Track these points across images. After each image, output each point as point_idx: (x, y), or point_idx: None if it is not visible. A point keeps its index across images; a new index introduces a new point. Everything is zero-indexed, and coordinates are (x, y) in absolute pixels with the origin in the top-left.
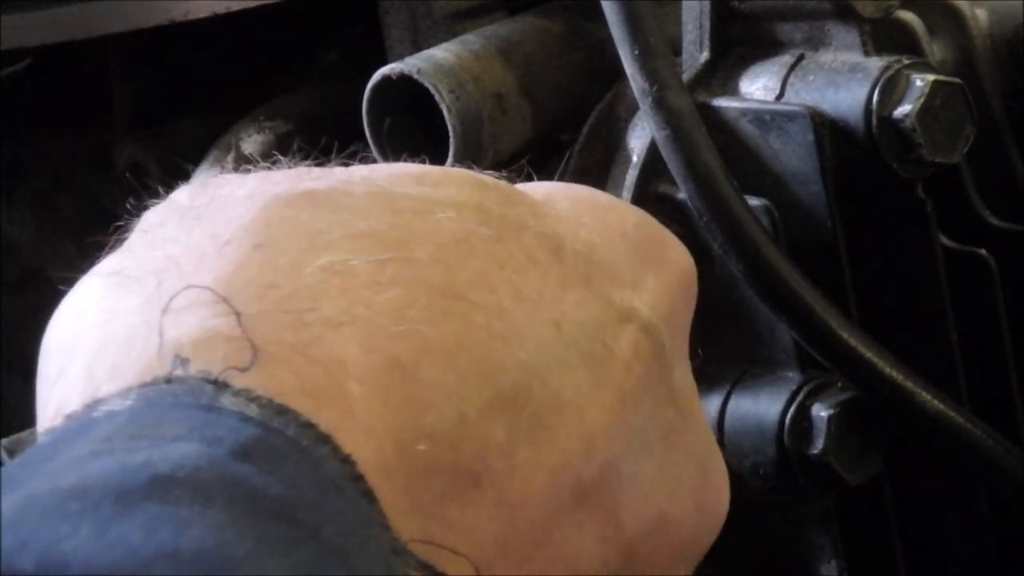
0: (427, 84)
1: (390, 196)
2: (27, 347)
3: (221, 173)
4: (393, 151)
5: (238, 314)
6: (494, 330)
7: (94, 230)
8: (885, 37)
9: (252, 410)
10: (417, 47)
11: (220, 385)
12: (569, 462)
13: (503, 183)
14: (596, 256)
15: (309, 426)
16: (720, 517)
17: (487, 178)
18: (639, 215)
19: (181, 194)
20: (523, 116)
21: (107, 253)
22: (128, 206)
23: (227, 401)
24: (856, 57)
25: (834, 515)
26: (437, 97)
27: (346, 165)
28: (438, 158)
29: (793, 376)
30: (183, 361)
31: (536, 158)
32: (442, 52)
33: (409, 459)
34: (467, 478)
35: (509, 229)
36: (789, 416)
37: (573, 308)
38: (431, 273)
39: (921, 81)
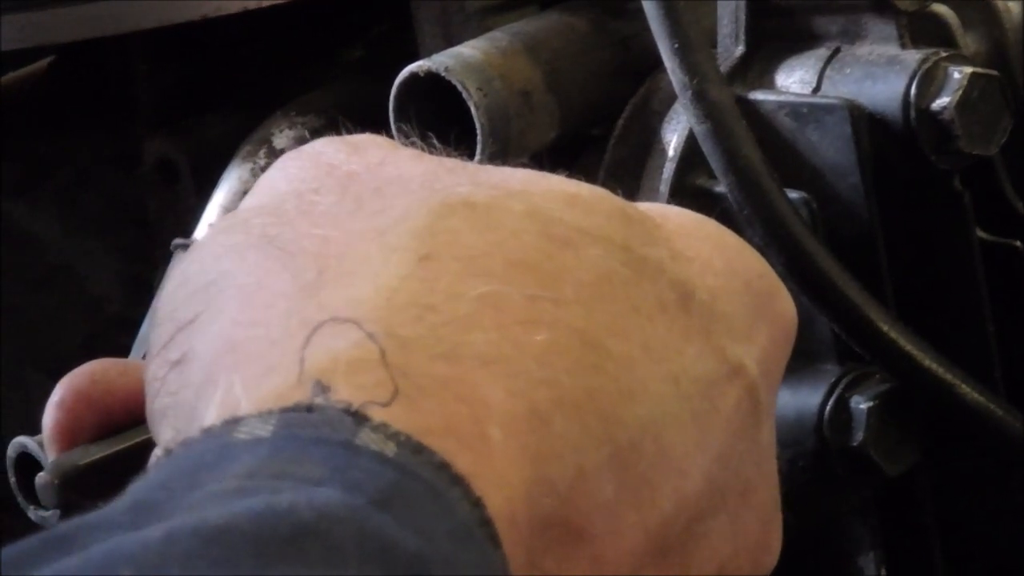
0: (455, 81)
1: (546, 220)
2: (52, 345)
3: (253, 170)
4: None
5: (387, 341)
6: (621, 383)
7: (119, 227)
8: (920, 30)
9: (390, 448)
10: (449, 42)
11: (359, 418)
12: (664, 522)
13: (647, 218)
14: (719, 306)
15: (444, 466)
16: (769, 570)
17: (633, 210)
18: (762, 264)
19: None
20: (549, 113)
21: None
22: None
23: (366, 437)
24: (893, 50)
25: (872, 506)
26: (465, 94)
27: None
28: (464, 154)
29: (832, 368)
30: (324, 388)
31: (569, 152)
32: (469, 49)
33: (533, 512)
34: (572, 534)
35: (648, 272)
36: (828, 408)
37: (692, 362)
38: (574, 315)
39: (959, 73)
